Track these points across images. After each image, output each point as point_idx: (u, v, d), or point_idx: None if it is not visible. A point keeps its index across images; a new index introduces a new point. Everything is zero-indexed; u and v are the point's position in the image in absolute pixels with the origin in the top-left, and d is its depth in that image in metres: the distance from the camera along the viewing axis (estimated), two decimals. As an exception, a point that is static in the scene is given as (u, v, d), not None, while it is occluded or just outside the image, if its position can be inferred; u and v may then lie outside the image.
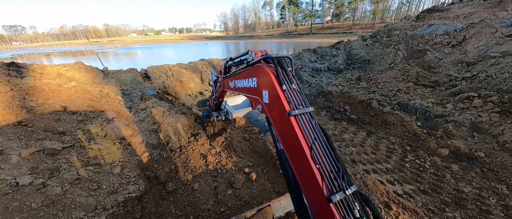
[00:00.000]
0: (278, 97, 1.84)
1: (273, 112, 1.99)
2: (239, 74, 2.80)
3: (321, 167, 1.56)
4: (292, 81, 1.89)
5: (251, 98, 2.44)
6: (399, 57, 12.47)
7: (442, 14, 14.74)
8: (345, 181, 1.55)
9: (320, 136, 1.69)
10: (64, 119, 4.59)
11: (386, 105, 8.06)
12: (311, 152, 1.61)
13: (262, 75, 2.06)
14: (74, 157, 3.67)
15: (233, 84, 3.15)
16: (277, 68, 1.87)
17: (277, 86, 1.85)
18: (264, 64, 2.06)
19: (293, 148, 1.77)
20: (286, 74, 1.90)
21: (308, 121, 1.74)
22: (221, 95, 5.03)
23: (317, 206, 1.61)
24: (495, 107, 6.71)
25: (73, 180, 3.23)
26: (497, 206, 4.16)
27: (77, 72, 7.51)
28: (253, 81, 2.30)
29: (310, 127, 1.71)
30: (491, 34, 10.01)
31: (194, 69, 11.95)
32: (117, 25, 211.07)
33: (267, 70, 1.95)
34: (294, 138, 1.71)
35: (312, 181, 1.60)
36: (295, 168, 1.82)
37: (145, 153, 4.59)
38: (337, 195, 1.46)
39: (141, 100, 7.14)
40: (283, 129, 1.86)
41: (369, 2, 75.97)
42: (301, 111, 1.74)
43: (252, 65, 2.29)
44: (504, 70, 7.93)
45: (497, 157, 5.46)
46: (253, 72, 2.29)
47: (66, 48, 77.42)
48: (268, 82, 1.96)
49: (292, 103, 1.77)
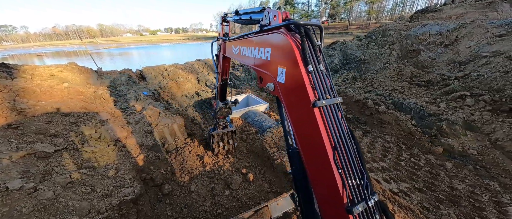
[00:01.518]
0: (300, 80, 1.41)
1: (290, 97, 1.56)
2: (247, 39, 2.19)
3: (344, 172, 1.31)
4: (320, 60, 1.45)
5: (260, 73, 1.93)
6: (394, 57, 12.65)
7: (435, 14, 15.02)
8: (369, 190, 1.33)
9: (345, 135, 1.38)
10: (56, 121, 4.48)
11: (382, 105, 8.16)
12: (334, 153, 1.33)
13: (282, 47, 1.55)
14: (66, 160, 3.59)
15: (237, 50, 2.52)
16: (304, 41, 1.39)
17: (302, 65, 1.40)
18: (286, 32, 1.52)
19: (312, 147, 1.46)
20: (314, 50, 1.45)
21: (334, 114, 1.39)
22: (225, 70, 4.10)
23: (333, 216, 1.43)
24: (487, 106, 6.87)
25: (65, 183, 3.15)
26: (489, 203, 4.25)
27: (70, 73, 7.36)
28: (266, 52, 1.76)
29: (336, 123, 1.37)
30: (482, 34, 10.24)
31: (191, 70, 11.86)
32: (111, 25, 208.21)
33: (290, 42, 1.45)
34: (315, 134, 1.38)
35: (330, 187, 1.37)
36: (310, 170, 1.55)
37: (141, 154, 4.52)
38: (359, 206, 1.26)
39: (136, 101, 7.04)
40: (301, 121, 1.50)
41: (364, 3, 76.90)
42: (329, 102, 1.38)
43: (269, 31, 1.73)
44: (495, 69, 8.12)
45: (489, 154, 5.58)
46: (268, 40, 1.73)
47: (59, 48, 75.91)
48: (289, 58, 1.48)
49: (318, 91, 1.37)
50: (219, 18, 3.70)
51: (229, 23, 3.65)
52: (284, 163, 4.65)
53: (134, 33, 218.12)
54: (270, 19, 1.76)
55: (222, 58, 3.81)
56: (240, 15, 2.71)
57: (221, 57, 3.79)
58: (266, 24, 1.81)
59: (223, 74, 4.20)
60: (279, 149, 5.20)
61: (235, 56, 2.67)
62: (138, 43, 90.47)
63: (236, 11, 2.85)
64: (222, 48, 3.46)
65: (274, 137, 5.66)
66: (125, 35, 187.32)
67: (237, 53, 2.56)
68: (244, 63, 2.35)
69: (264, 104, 8.45)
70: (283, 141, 5.55)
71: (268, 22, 1.79)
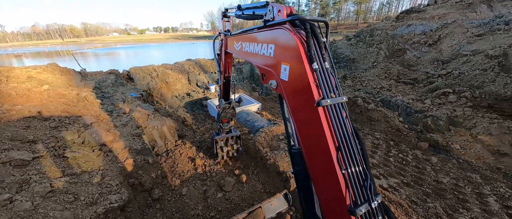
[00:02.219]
0: (305, 78, 1.37)
1: (294, 95, 1.53)
2: (250, 35, 2.13)
3: (347, 172, 1.29)
4: (326, 57, 1.41)
5: (262, 69, 1.89)
6: (382, 56, 13.02)
7: (419, 14, 15.62)
8: (372, 191, 1.32)
9: (350, 135, 1.35)
10: (35, 126, 4.21)
11: (371, 102, 8.37)
12: (338, 153, 1.31)
13: (286, 43, 1.51)
14: (46, 167, 3.37)
15: (239, 46, 2.45)
16: (309, 38, 1.34)
17: (306, 63, 1.36)
18: (291, 28, 1.46)
19: (315, 147, 1.43)
20: (319, 47, 1.40)
21: (339, 114, 1.35)
22: (227, 67, 3.97)
23: (335, 217, 1.42)
24: (468, 102, 7.22)
25: (45, 193, 2.95)
26: (472, 195, 4.46)
27: (50, 75, 6.95)
28: (269, 48, 1.71)
29: (341, 123, 1.34)
30: (463, 34, 10.77)
31: (181, 70, 11.59)
32: (96, 24, 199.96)
33: (294, 39, 1.40)
34: (319, 134, 1.35)
35: (333, 188, 1.35)
36: (313, 170, 1.53)
37: (128, 159, 4.34)
38: (362, 207, 1.25)
39: (123, 103, 6.77)
40: (305, 121, 1.47)
41: (353, 3, 78.83)
42: (334, 101, 1.34)
43: (273, 26, 1.67)
44: (475, 67, 8.55)
45: (470, 148, 5.87)
46: (272, 36, 1.68)
47: (40, 48, 71.81)
48: (293, 55, 1.44)
49: (323, 89, 1.33)
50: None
51: (230, 18, 3.55)
52: (277, 163, 4.64)
53: (121, 32, 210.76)
54: (274, 14, 1.68)
55: (224, 54, 3.69)
56: (243, 10, 2.59)
57: (223, 53, 3.68)
58: (270, 19, 1.74)
59: (225, 71, 4.06)
60: (272, 149, 5.19)
61: (237, 52, 2.60)
62: (125, 43, 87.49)
63: (238, 6, 2.75)
64: (224, 44, 3.36)
65: (267, 137, 5.64)
66: (111, 34, 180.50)
67: (239, 49, 2.48)
68: (246, 59, 2.29)
69: (257, 104, 8.42)
70: (276, 141, 5.54)
71: (272, 17, 1.72)
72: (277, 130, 5.92)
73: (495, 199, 4.28)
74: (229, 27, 3.53)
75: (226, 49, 3.26)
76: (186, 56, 14.54)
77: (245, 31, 2.32)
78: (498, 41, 9.08)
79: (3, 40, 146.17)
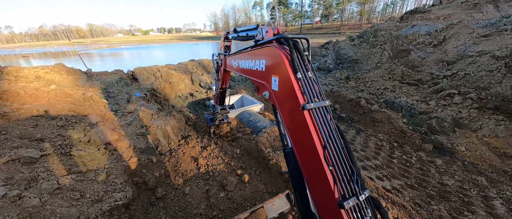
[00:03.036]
0: (291, 86, 1.59)
1: (283, 102, 1.75)
2: (244, 53, 2.44)
3: (334, 169, 1.42)
4: (308, 67, 1.63)
5: (256, 83, 2.16)
6: (385, 57, 12.92)
7: (423, 15, 15.45)
8: (359, 185, 1.43)
9: (334, 134, 1.51)
10: (43, 124, 4.31)
11: (374, 103, 8.31)
12: (324, 151, 1.45)
13: (273, 58, 1.78)
14: (54, 165, 3.45)
15: (236, 64, 2.79)
16: (293, 52, 1.59)
17: (291, 73, 1.59)
18: (277, 45, 1.74)
19: (304, 146, 1.60)
20: (302, 59, 1.64)
21: (323, 116, 1.53)
22: (224, 80, 4.48)
23: (327, 211, 1.52)
24: (474, 104, 7.11)
25: (53, 190, 3.02)
26: (477, 198, 4.40)
27: (57, 75, 7.09)
28: (261, 63, 1.99)
29: (325, 124, 1.50)
30: (469, 35, 10.61)
31: (184, 70, 11.70)
32: (102, 25, 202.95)
33: (280, 54, 1.66)
34: (306, 135, 1.52)
35: (323, 184, 1.48)
36: (304, 168, 1.66)
37: (133, 158, 4.40)
38: (350, 200, 1.35)
39: (128, 103, 6.87)
40: (293, 123, 1.65)
41: (356, 3, 78.31)
42: (317, 105, 1.53)
43: (262, 45, 1.96)
44: (481, 68, 8.42)
45: (476, 150, 5.78)
46: (262, 53, 1.98)
47: (47, 49, 73.23)
48: (280, 67, 1.69)
49: (307, 95, 1.54)
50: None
51: (230, 40, 4.01)
52: (280, 163, 4.65)
53: (125, 33, 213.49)
54: (263, 35, 2.00)
55: (222, 71, 4.15)
56: (238, 33, 3.00)
57: (222, 70, 4.13)
58: (260, 39, 2.05)
59: (223, 83, 4.60)
60: (274, 149, 5.20)
61: (234, 69, 2.93)
62: (129, 44, 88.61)
63: (234, 30, 3.18)
64: (223, 63, 3.77)
65: (269, 137, 5.65)
66: (116, 35, 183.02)
67: (236, 67, 2.81)
68: (243, 74, 2.58)
69: (259, 104, 8.44)
70: (278, 141, 5.55)
71: (261, 37, 2.03)
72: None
73: (501, 202, 4.21)
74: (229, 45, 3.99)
75: (225, 68, 3.66)
76: (189, 56, 14.68)
77: (240, 50, 2.63)
78: (505, 41, 8.93)
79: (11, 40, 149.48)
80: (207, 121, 5.85)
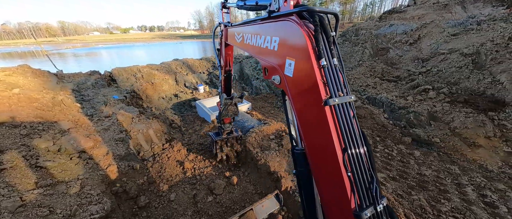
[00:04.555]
0: (311, 75, 1.28)
1: (299, 93, 1.44)
2: (253, 25, 2.00)
3: (353, 175, 1.24)
4: (334, 53, 1.32)
5: (265, 64, 1.76)
6: (367, 55, 13.46)
7: (400, 15, 16.34)
8: (377, 194, 1.27)
9: (357, 136, 1.29)
10: (2, 134, 3.83)
11: (358, 100, 8.61)
12: (344, 155, 1.25)
13: (292, 37, 1.40)
14: (16, 179, 3.07)
15: (240, 38, 2.31)
16: (318, 32, 1.25)
17: (314, 59, 1.27)
18: (298, 20, 1.35)
19: (320, 148, 1.37)
20: (328, 42, 1.32)
21: (346, 114, 1.28)
22: (227, 60, 3.82)
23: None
24: (446, 98, 7.65)
25: (15, 208, 2.69)
26: (452, 185, 4.72)
27: (21, 77, 6.40)
28: (273, 41, 1.60)
29: (348, 123, 1.28)
30: (440, 33, 11.41)
31: (168, 70, 11.23)
32: (75, 23, 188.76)
33: (301, 32, 1.30)
34: (324, 135, 1.28)
35: (338, 191, 1.31)
36: (317, 172, 1.46)
37: (111, 165, 4.10)
38: (367, 211, 1.21)
39: (105, 106, 6.39)
40: (310, 120, 1.39)
41: (338, 3, 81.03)
42: (341, 100, 1.27)
43: (278, 17, 1.55)
44: (451, 65, 9.09)
45: (449, 141, 6.21)
46: (277, 28, 1.57)
47: (11, 48, 66.34)
48: (300, 50, 1.34)
49: (330, 87, 1.26)
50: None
51: (229, 9, 3.38)
52: (268, 163, 4.60)
53: (102, 31, 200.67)
54: (280, 4, 1.55)
55: (224, 45, 3.53)
56: (245, 0, 2.38)
57: (223, 45, 3.52)
58: (275, 10, 1.59)
59: (226, 65, 3.88)
60: (263, 149, 5.15)
61: (238, 44, 2.45)
62: (107, 42, 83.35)
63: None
64: (224, 35, 3.19)
65: (257, 137, 5.59)
66: (92, 33, 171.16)
67: (240, 41, 2.33)
68: (248, 52, 2.14)
69: (246, 104, 8.34)
70: (267, 141, 5.51)
71: (277, 8, 1.58)
72: (267, 130, 5.89)
73: (472, 189, 4.55)
74: (229, 19, 3.35)
75: (226, 41, 3.09)
76: (173, 56, 14.13)
77: (247, 22, 2.18)
78: (471, 40, 9.72)
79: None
80: (212, 138, 4.74)
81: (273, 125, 6.09)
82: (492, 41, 8.91)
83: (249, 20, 2.16)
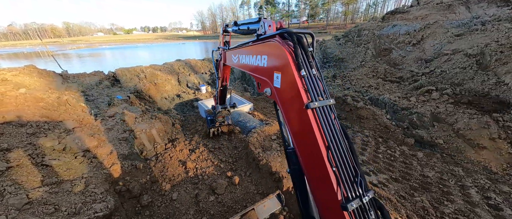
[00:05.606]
0: (294, 84, 1.53)
1: (286, 100, 1.70)
2: (245, 48, 2.36)
3: (338, 170, 1.39)
4: (312, 64, 1.57)
5: (258, 79, 2.07)
6: (369, 55, 13.40)
7: (403, 15, 16.24)
8: (363, 187, 1.40)
9: (338, 134, 1.47)
10: (10, 133, 3.91)
11: (360, 101, 8.57)
12: (328, 152, 1.41)
13: (276, 54, 1.70)
14: (23, 177, 3.14)
15: (236, 59, 2.70)
16: (297, 48, 1.52)
17: (295, 70, 1.53)
18: (280, 40, 1.66)
19: (307, 146, 1.55)
20: (306, 55, 1.57)
21: (328, 115, 1.49)
22: (225, 77, 4.41)
23: (329, 213, 1.49)
24: (450, 99, 7.58)
25: (21, 205, 2.74)
26: (455, 187, 4.67)
27: (27, 77, 6.52)
28: (263, 59, 1.92)
29: (329, 123, 1.47)
30: (444, 34, 11.31)
31: (170, 71, 11.32)
32: (80, 24, 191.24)
33: (283, 50, 1.59)
34: (309, 135, 1.48)
35: (325, 185, 1.44)
36: (306, 168, 1.63)
37: (115, 165, 4.15)
38: (353, 202, 1.33)
39: (109, 106, 6.48)
40: (296, 122, 1.61)
41: (341, 4, 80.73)
42: (321, 104, 1.48)
43: (264, 39, 1.88)
44: (455, 66, 9.00)
45: (453, 143, 6.15)
46: (264, 48, 1.89)
47: (17, 49, 67.44)
48: (283, 64, 1.62)
49: (311, 93, 1.49)
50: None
51: (229, 33, 3.89)
52: (270, 163, 4.62)
53: (106, 32, 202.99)
54: (266, 29, 1.91)
55: (222, 66, 4.08)
56: (239, 26, 2.87)
57: (222, 65, 4.06)
58: (262, 33, 1.96)
59: (223, 80, 4.53)
60: (264, 149, 5.16)
61: (234, 64, 2.84)
62: (111, 43, 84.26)
63: (235, 22, 3.06)
64: (223, 57, 3.69)
65: (259, 138, 5.60)
66: (96, 34, 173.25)
67: (236, 61, 2.73)
68: (244, 70, 2.48)
69: (248, 104, 8.37)
70: (268, 141, 5.52)
71: (264, 31, 1.94)
72: (269, 130, 5.91)
73: (476, 191, 4.51)
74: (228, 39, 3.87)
75: (225, 62, 3.56)
76: (176, 56, 14.23)
77: (241, 45, 2.53)
78: (475, 40, 9.62)
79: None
80: (207, 122, 5.81)
81: (275, 126, 6.10)
82: (497, 42, 8.81)
83: (242, 43, 2.50)
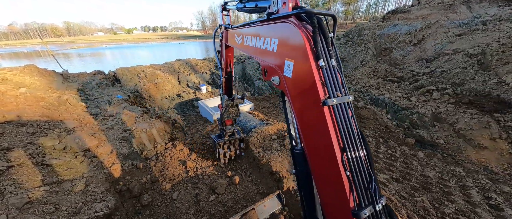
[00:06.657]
0: (310, 75, 1.30)
1: (298, 93, 1.46)
2: (252, 27, 2.03)
3: (352, 174, 1.25)
4: (332, 54, 1.34)
5: (265, 65, 1.78)
6: (369, 55, 13.37)
7: (404, 15, 16.20)
8: (376, 193, 1.27)
9: (355, 136, 1.30)
10: (10, 132, 3.91)
11: (360, 101, 8.56)
12: (342, 155, 1.26)
13: (290, 38, 1.42)
14: (23, 177, 3.14)
15: (240, 40, 2.35)
16: (316, 33, 1.26)
17: (312, 59, 1.28)
18: (297, 22, 1.37)
19: (320, 148, 1.37)
20: (326, 43, 1.33)
21: (345, 114, 1.30)
22: (228, 62, 3.83)
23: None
24: (451, 99, 7.56)
25: (22, 204, 2.75)
26: (456, 187, 4.66)
27: (28, 77, 6.52)
28: (272, 42, 1.63)
29: (346, 123, 1.29)
30: (445, 34, 11.28)
31: (170, 70, 11.31)
32: (80, 23, 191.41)
33: (300, 34, 1.31)
34: (323, 135, 1.30)
35: (337, 191, 1.31)
36: (317, 171, 1.47)
37: (115, 164, 4.15)
38: (366, 210, 1.22)
39: (109, 106, 6.48)
40: (309, 120, 1.41)
41: (341, 3, 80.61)
42: (340, 100, 1.28)
43: (277, 19, 1.58)
44: (456, 66, 8.98)
45: (454, 143, 6.14)
46: (276, 30, 1.59)
47: (18, 48, 67.53)
48: (299, 50, 1.36)
49: (328, 88, 1.27)
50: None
51: (230, 12, 3.39)
52: (270, 163, 4.61)
53: (106, 31, 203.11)
54: (279, 7, 1.56)
55: (224, 47, 3.56)
56: (245, 2, 2.44)
57: (224, 47, 3.54)
58: (274, 12, 1.62)
59: (227, 67, 3.91)
60: (265, 149, 5.16)
61: (238, 45, 2.49)
62: (111, 43, 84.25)
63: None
64: (224, 37, 3.22)
65: (259, 138, 5.60)
66: (96, 34, 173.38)
67: (240, 43, 2.37)
68: (248, 53, 2.18)
69: (249, 104, 8.36)
70: (269, 141, 5.51)
71: (276, 10, 1.60)
72: (269, 130, 5.90)
73: (477, 191, 4.49)
74: (230, 21, 3.36)
75: (226, 42, 3.12)
76: (176, 56, 14.24)
77: (247, 24, 2.21)
78: (476, 40, 9.59)
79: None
80: (213, 141, 4.75)
81: (275, 126, 6.10)
82: (498, 42, 8.78)
83: (249, 22, 2.18)
